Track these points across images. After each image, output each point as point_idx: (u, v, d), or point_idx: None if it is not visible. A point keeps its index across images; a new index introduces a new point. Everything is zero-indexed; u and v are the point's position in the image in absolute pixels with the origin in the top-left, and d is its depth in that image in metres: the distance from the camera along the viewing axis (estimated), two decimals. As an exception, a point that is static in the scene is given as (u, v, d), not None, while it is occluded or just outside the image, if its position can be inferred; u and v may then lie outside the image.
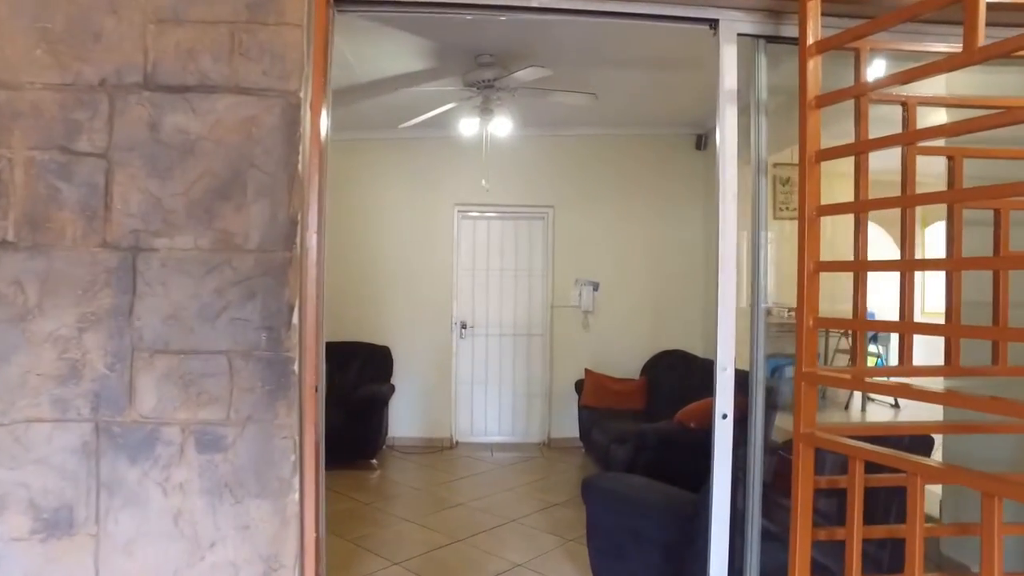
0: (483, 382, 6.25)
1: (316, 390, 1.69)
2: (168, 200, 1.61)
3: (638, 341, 6.16)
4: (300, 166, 1.66)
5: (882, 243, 8.37)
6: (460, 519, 4.16)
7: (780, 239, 6.89)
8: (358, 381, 5.57)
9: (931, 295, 8.67)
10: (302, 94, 1.65)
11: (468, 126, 4.27)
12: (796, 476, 1.78)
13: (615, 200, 6.19)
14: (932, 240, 8.62)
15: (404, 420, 5.99)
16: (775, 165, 6.70)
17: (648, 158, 6.22)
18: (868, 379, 1.95)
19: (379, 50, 4.17)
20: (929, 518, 2.70)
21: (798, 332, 1.87)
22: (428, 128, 5.96)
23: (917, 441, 2.41)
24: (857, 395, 6.44)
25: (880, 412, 6.30)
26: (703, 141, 6.16)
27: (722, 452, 2.05)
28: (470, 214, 6.22)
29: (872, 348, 6.78)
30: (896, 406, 6.49)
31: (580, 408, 5.74)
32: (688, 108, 5.62)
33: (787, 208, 6.65)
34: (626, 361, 6.12)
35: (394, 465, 5.40)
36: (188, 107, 1.61)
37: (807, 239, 1.89)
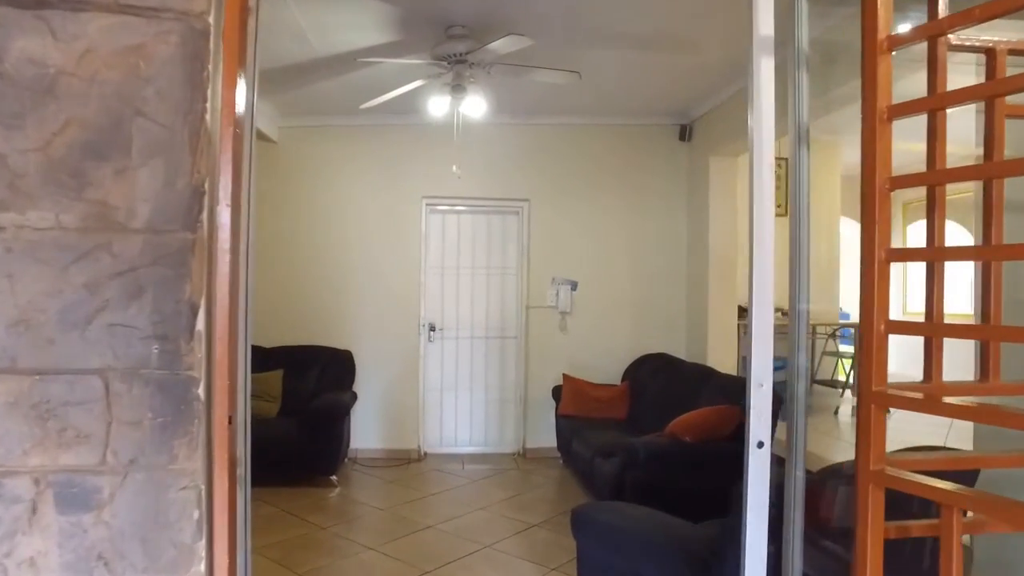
0: (453, 388, 5.81)
1: (231, 421, 1.24)
2: (16, 159, 1.15)
3: (619, 344, 5.78)
4: (208, 116, 1.21)
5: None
6: (429, 545, 3.72)
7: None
8: (317, 389, 5.08)
9: (912, 296, 8.51)
10: (211, 18, 1.21)
11: (438, 106, 3.83)
12: (863, 524, 1.39)
13: (594, 194, 5.80)
14: (915, 236, 8.44)
15: (367, 431, 5.52)
16: (760, 159, 6.38)
17: (629, 149, 5.85)
18: (946, 399, 1.56)
19: (339, 19, 3.71)
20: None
21: (865, 340, 1.47)
22: (394, 114, 5.51)
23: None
24: (848, 399, 6.16)
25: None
26: (687, 132, 5.81)
27: (757, 489, 1.65)
28: (439, 208, 5.78)
29: (843, 348, 6.52)
30: (886, 410, 6.22)
31: (558, 416, 5.34)
32: (672, 96, 5.27)
33: (775, 203, 6.31)
34: (606, 365, 5.74)
35: (356, 481, 4.93)
36: (45, 29, 1.15)
37: (878, 220, 1.49)
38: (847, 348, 6.70)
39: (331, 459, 4.65)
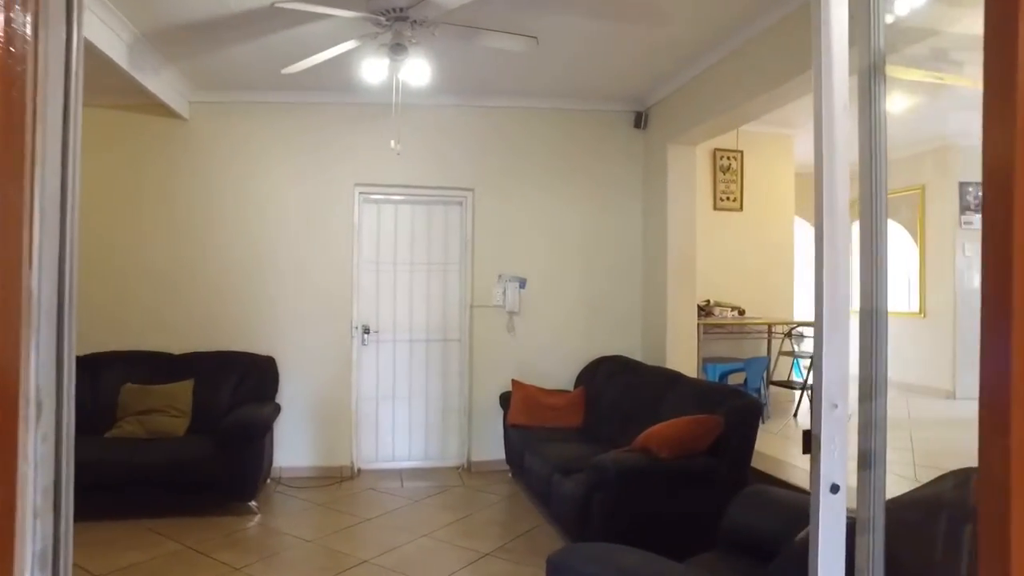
0: (390, 397, 5.25)
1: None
2: None
3: (571, 346, 5.37)
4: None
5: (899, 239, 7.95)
6: (364, 585, 3.18)
7: (722, 233, 6.33)
8: (233, 402, 4.44)
9: (857, 295, 8.44)
10: None
11: (374, 70, 3.28)
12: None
13: (544, 184, 5.36)
14: (858, 234, 8.39)
15: (293, 446, 4.90)
16: (716, 151, 6.12)
17: (582, 137, 5.43)
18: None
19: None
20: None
21: None
22: (323, 91, 4.93)
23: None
24: (806, 401, 5.94)
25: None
26: (643, 119, 5.45)
27: (830, 551, 1.19)
28: (373, 197, 5.21)
29: (796, 348, 6.32)
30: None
31: (507, 427, 4.87)
32: (629, 78, 4.88)
33: (728, 198, 6.07)
34: (558, 369, 5.32)
35: (280, 506, 4.31)
36: None
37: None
38: (805, 348, 6.49)
39: (250, 482, 4.02)
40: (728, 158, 6.16)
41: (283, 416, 4.75)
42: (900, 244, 7.76)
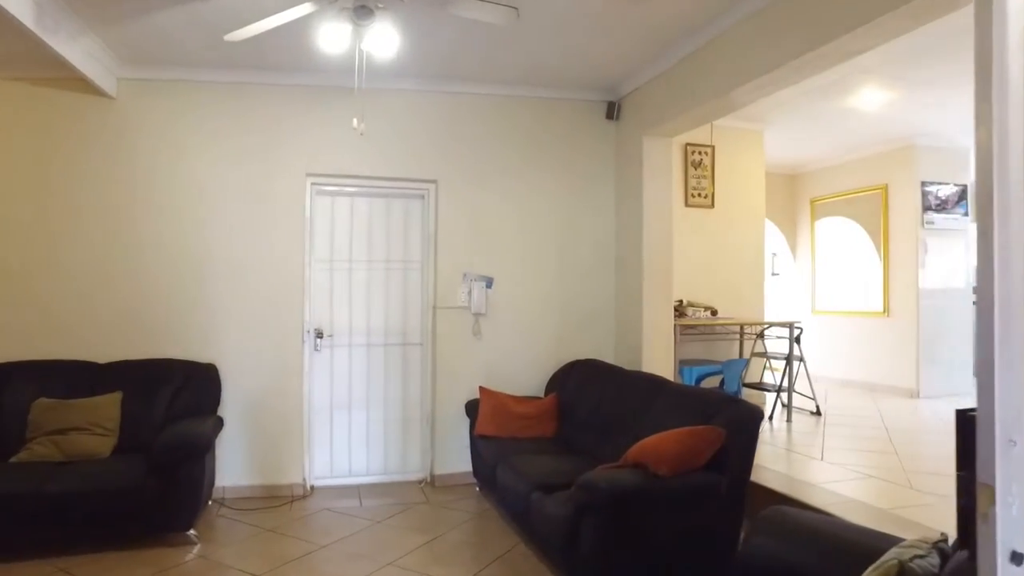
0: (346, 407, 4.82)
1: None
2: None
3: (542, 349, 5.05)
4: None
5: (855, 239, 7.97)
6: (324, 628, 2.78)
7: (694, 230, 6.11)
8: (169, 416, 3.95)
9: (820, 295, 8.45)
10: None
11: (333, 37, 2.87)
12: None
13: (512, 176, 5.03)
14: (822, 233, 8.37)
15: (238, 464, 4.42)
16: (687, 145, 5.90)
17: (552, 127, 5.12)
18: None
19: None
20: None
21: None
22: (273, 71, 4.47)
23: None
24: (783, 398, 5.78)
25: (802, 421, 5.68)
26: (615, 110, 5.17)
27: None
28: (328, 188, 4.77)
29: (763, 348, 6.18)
30: (817, 413, 5.92)
31: (475, 437, 4.51)
32: (604, 64, 4.59)
33: (699, 195, 5.85)
34: (528, 375, 4.99)
35: (224, 533, 3.84)
36: None
37: None
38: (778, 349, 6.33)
39: (188, 508, 3.54)
40: (699, 153, 5.96)
41: (227, 430, 4.28)
42: (860, 243, 7.74)
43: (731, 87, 3.84)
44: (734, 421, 3.02)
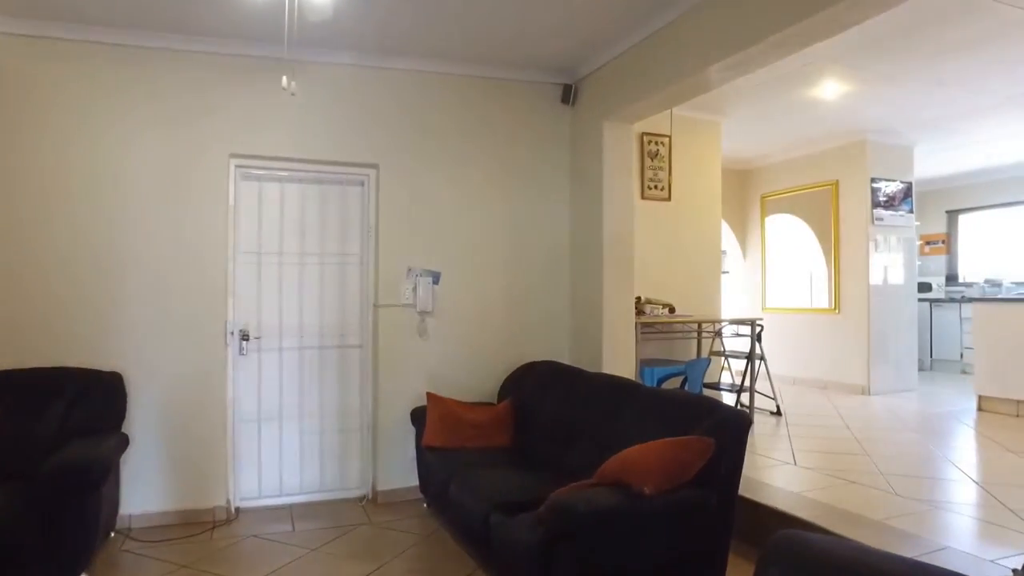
0: (275, 417, 4.30)
1: None
2: None
3: (494, 350, 4.66)
4: None
5: (800, 235, 7.83)
6: None
7: (651, 224, 5.83)
8: (60, 436, 3.33)
9: (771, 293, 8.37)
10: None
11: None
12: None
13: (460, 162, 4.61)
14: (772, 230, 8.29)
15: (147, 487, 3.84)
16: (643, 135, 5.62)
17: (504, 110, 4.73)
18: None
19: None
20: None
21: None
22: (186, 34, 3.92)
23: None
24: (743, 403, 5.57)
25: (763, 422, 5.48)
26: (571, 93, 4.83)
27: None
28: (255, 172, 4.24)
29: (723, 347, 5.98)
30: (778, 413, 5.74)
31: (422, 449, 4.07)
32: (558, 42, 4.24)
33: (656, 187, 5.58)
34: (479, 379, 4.60)
35: (127, 571, 3.27)
36: None
37: None
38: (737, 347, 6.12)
39: (80, 548, 2.96)
40: (656, 143, 5.69)
41: (133, 449, 3.69)
42: (810, 240, 7.68)
43: (706, 64, 3.54)
44: (721, 428, 2.69)
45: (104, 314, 3.80)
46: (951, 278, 9.66)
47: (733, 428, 2.71)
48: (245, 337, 4.19)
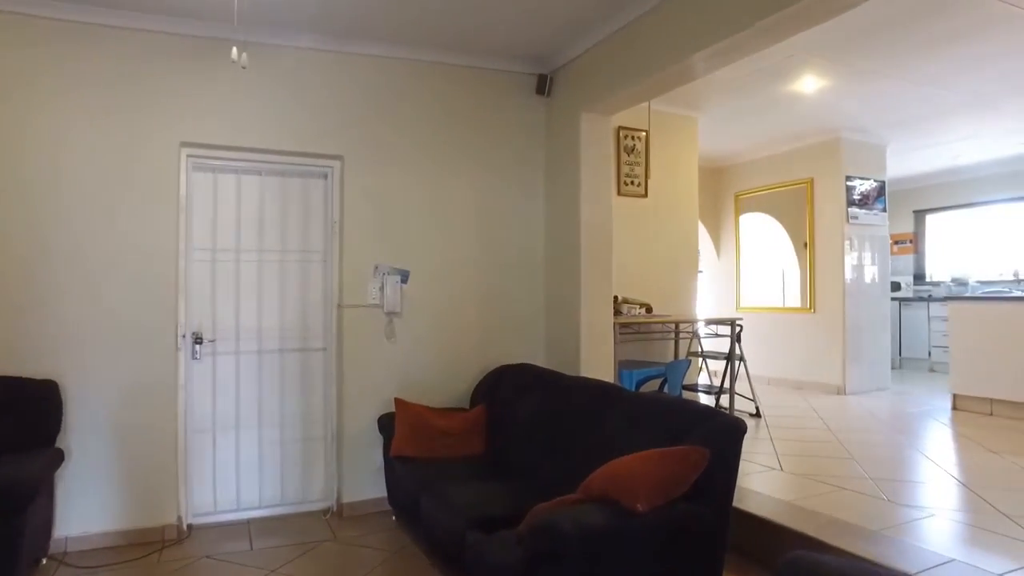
0: (232, 426, 4.00)
1: None
2: None
3: (466, 353, 4.44)
4: None
5: (770, 232, 7.73)
6: None
7: (627, 221, 5.64)
8: (-14, 450, 3.00)
9: (745, 292, 8.28)
10: None
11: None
12: None
13: (431, 154, 4.37)
14: (746, 229, 8.21)
15: (87, 506, 3.51)
16: (620, 128, 5.44)
17: (477, 100, 4.51)
18: None
19: None
20: None
21: None
22: (133, 11, 3.60)
23: None
24: (723, 399, 5.42)
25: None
26: (546, 84, 4.63)
27: None
28: (208, 162, 3.93)
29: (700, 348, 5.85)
30: (757, 415, 5.61)
31: (390, 458, 3.82)
32: (536, 28, 4.04)
33: (633, 183, 5.41)
34: (451, 383, 4.37)
35: (62, 599, 2.96)
36: None
37: None
38: (715, 348, 5.98)
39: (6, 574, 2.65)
40: (633, 138, 5.52)
41: (71, 464, 3.38)
42: (784, 238, 7.62)
43: (691, 51, 3.36)
44: (715, 437, 2.51)
45: (37, 317, 3.45)
46: (918, 277, 9.73)
47: (728, 436, 2.52)
48: (198, 340, 3.88)
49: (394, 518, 3.95)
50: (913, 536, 2.81)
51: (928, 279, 9.66)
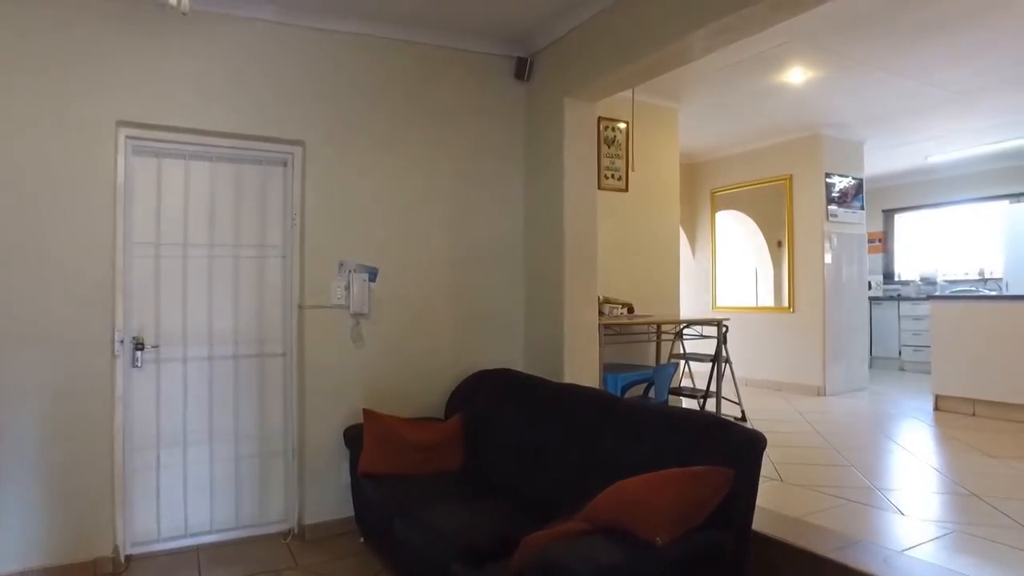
0: (179, 442, 3.57)
1: None
2: None
3: (440, 358, 4.09)
4: None
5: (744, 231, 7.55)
6: None
7: (608, 217, 5.33)
8: None
9: (722, 291, 8.10)
10: None
11: None
12: None
13: (401, 142, 4.02)
14: (722, 226, 8.02)
15: (4, 541, 3.04)
16: (600, 119, 5.16)
17: (451, 83, 4.17)
18: None
19: None
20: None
21: None
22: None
23: None
24: (710, 409, 5.18)
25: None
26: (526, 68, 4.31)
27: None
28: (151, 145, 3.49)
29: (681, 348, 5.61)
30: (743, 419, 5.39)
31: (358, 476, 3.44)
32: (509, 11, 3.73)
33: (613, 176, 5.14)
34: (424, 391, 4.02)
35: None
36: None
37: None
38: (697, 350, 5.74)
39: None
40: (613, 128, 5.24)
41: (-13, 490, 2.91)
42: (763, 236, 7.45)
43: (689, 29, 3.09)
44: (733, 453, 2.23)
45: (-52, 320, 2.99)
46: (888, 276, 9.72)
47: (748, 452, 2.24)
48: (139, 346, 3.44)
49: (362, 540, 3.58)
50: (947, 558, 2.57)
51: (897, 278, 9.66)
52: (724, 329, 5.25)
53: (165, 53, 3.36)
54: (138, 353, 3.44)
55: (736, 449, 2.23)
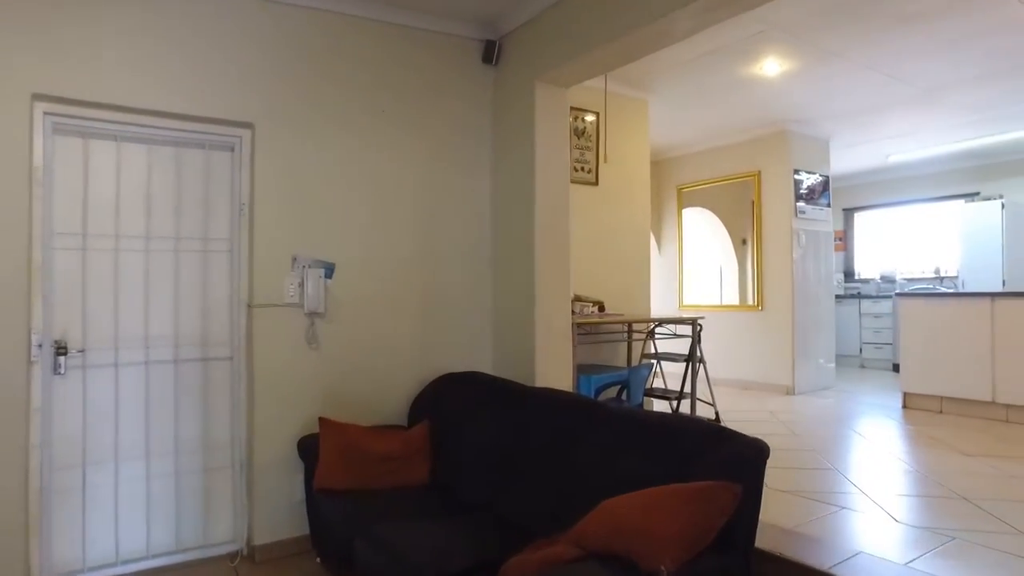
0: (109, 458, 3.19)
1: None
2: None
3: (402, 360, 3.80)
4: None
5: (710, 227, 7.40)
6: None
7: (578, 210, 5.04)
8: None
9: (688, 289, 7.98)
10: None
11: None
12: None
13: (360, 127, 3.71)
14: (689, 223, 7.90)
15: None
16: (571, 109, 4.92)
17: (414, 66, 3.88)
18: None
19: None
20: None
21: None
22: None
23: None
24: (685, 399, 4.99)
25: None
26: (494, 51, 4.05)
27: None
28: (76, 124, 3.10)
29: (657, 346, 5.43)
30: (717, 420, 5.23)
31: (315, 493, 3.13)
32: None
33: (583, 169, 4.92)
34: (385, 396, 3.72)
35: None
36: None
37: None
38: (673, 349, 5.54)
39: None
40: (583, 119, 5.02)
41: None
42: (730, 233, 7.35)
43: (675, 5, 2.87)
44: (735, 466, 2.01)
45: None
46: (848, 274, 9.79)
47: (751, 464, 2.03)
48: (62, 351, 3.05)
49: (319, 560, 3.26)
50: (952, 570, 2.41)
51: (857, 276, 9.73)
52: (699, 328, 5.08)
53: (93, 18, 2.99)
54: (60, 359, 3.05)
55: (741, 461, 2.02)
